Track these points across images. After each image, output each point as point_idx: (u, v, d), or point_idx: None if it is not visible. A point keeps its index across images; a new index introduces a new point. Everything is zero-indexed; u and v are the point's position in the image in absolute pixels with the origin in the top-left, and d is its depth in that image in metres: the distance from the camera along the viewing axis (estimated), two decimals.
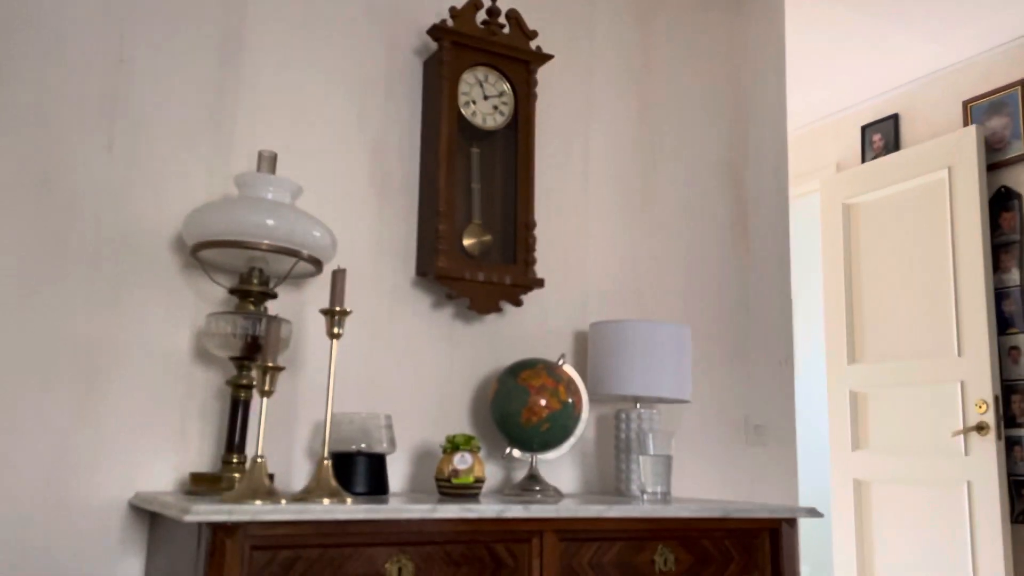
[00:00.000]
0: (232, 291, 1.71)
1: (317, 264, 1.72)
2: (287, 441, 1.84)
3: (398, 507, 1.39)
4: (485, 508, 1.46)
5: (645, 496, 1.83)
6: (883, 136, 3.79)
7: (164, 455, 1.72)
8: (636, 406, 2.05)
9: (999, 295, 3.26)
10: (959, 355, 3.25)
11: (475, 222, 2.06)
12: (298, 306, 1.89)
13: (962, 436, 3.21)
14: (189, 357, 1.77)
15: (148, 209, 1.78)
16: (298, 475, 1.84)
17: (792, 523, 1.76)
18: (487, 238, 2.06)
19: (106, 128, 1.77)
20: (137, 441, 1.70)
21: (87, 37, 1.77)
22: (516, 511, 1.48)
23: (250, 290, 1.69)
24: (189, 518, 1.21)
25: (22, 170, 1.68)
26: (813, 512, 1.76)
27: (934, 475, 3.29)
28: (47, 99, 1.72)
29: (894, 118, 3.75)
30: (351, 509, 1.35)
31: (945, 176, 3.38)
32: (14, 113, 1.69)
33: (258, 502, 1.31)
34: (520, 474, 2.06)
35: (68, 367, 1.66)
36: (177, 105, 1.84)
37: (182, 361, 1.77)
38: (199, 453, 1.75)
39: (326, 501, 1.40)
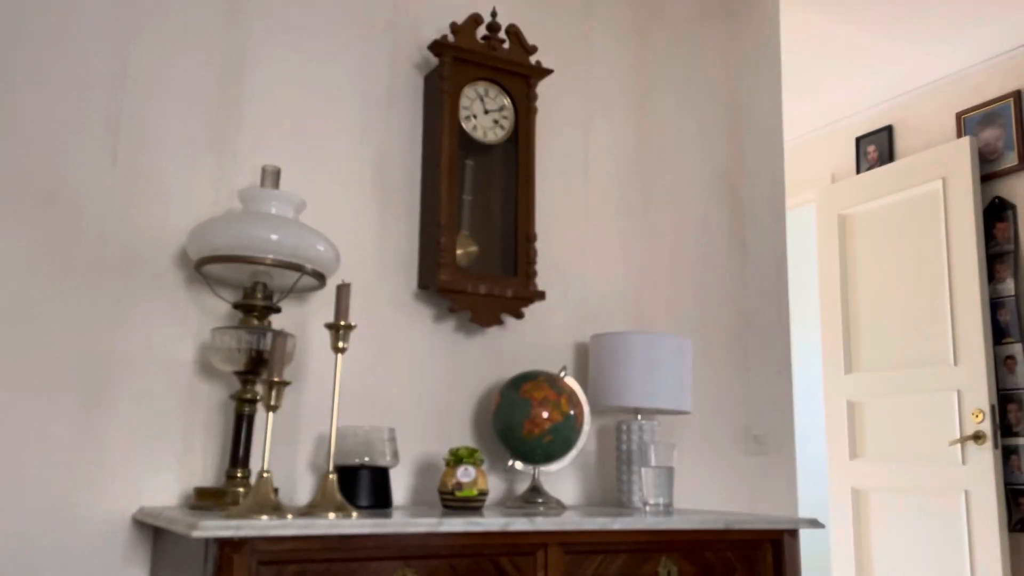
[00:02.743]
0: (236, 305, 1.72)
1: (320, 278, 1.73)
2: (290, 454, 1.84)
3: (403, 521, 1.40)
4: (490, 521, 1.47)
5: (647, 508, 1.84)
6: (877, 147, 3.82)
7: (168, 469, 1.72)
8: (637, 417, 2.06)
9: (994, 305, 3.28)
10: (955, 364, 3.28)
11: (463, 233, 2.07)
12: (301, 319, 1.90)
13: (959, 445, 3.23)
14: (193, 371, 1.78)
15: (152, 224, 1.79)
16: (302, 488, 1.84)
17: (793, 534, 1.77)
18: (473, 248, 2.08)
19: (110, 143, 1.78)
20: (141, 455, 1.70)
21: (92, 53, 1.78)
22: (521, 524, 1.49)
23: (254, 304, 1.70)
24: (197, 534, 1.22)
25: (26, 185, 1.69)
26: (814, 523, 1.77)
27: (932, 484, 3.31)
28: (51, 114, 1.73)
29: (888, 129, 3.79)
30: (357, 523, 1.36)
31: (939, 187, 3.41)
32: (18, 128, 1.70)
33: (264, 517, 1.32)
34: (523, 486, 2.07)
35: (71, 381, 1.67)
36: (181, 120, 1.85)
37: (185, 375, 1.77)
38: (203, 467, 1.75)
39: (332, 515, 1.40)
